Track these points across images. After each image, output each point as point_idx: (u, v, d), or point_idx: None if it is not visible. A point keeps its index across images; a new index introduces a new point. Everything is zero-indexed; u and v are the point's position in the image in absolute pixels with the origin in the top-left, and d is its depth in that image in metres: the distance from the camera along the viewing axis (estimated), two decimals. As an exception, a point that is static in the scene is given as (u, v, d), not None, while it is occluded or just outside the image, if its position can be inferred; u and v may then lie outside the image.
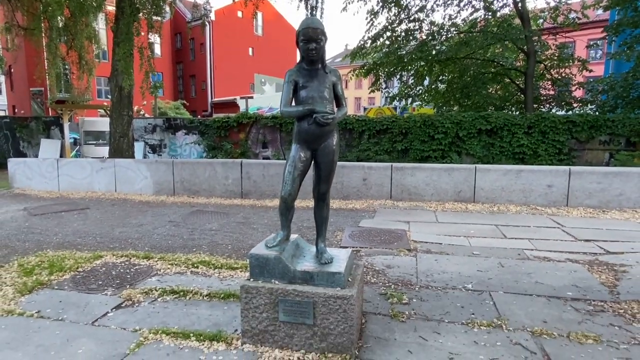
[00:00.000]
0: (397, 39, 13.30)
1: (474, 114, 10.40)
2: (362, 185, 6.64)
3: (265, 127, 12.20)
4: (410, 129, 10.73)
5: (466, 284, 3.29)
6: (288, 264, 2.33)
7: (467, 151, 10.43)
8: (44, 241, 4.64)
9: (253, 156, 12.46)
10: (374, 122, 11.16)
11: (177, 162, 7.50)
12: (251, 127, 12.38)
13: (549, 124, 9.72)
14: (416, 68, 13.67)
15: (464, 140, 10.39)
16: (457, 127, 10.37)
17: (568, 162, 9.63)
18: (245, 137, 12.46)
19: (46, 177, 8.13)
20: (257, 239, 4.66)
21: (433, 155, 10.59)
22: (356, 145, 11.28)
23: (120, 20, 9.47)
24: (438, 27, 12.45)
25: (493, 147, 10.26)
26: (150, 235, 4.89)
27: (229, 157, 12.33)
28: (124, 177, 7.73)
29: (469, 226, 5.05)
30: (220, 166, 7.26)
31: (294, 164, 2.38)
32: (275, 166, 7.05)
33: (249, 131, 12.43)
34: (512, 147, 10.03)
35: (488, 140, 10.27)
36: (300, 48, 2.32)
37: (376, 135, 11.13)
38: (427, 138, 10.60)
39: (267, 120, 12.07)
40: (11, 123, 15.74)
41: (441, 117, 10.61)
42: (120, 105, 10.27)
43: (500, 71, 13.37)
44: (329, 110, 2.25)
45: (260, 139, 12.41)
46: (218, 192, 7.27)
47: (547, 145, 9.81)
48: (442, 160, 10.50)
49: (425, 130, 10.60)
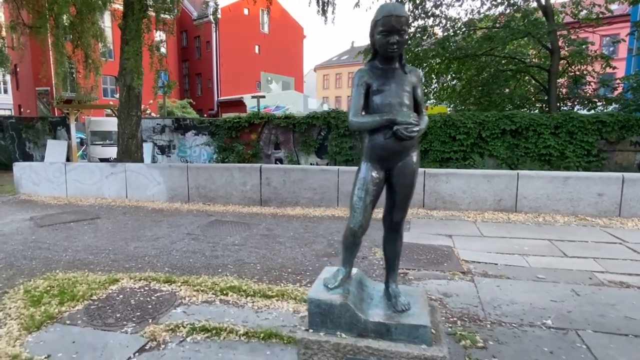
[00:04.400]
0: (414, 35, 12.80)
1: (497, 114, 9.89)
2: (392, 193, 6.16)
3: (278, 128, 11.76)
4: (430, 129, 10.24)
5: (544, 318, 2.81)
6: (357, 313, 1.86)
7: (490, 152, 9.93)
8: (52, 259, 4.21)
9: (265, 157, 12.03)
10: (391, 122, 10.64)
11: (192, 167, 7.05)
12: (263, 127, 11.95)
13: (577, 124, 9.20)
14: (432, 65, 13.14)
15: (487, 141, 9.89)
16: (480, 128, 9.87)
17: (597, 164, 9.11)
18: (257, 137, 12.03)
19: (53, 182, 7.72)
20: (286, 257, 4.21)
21: (454, 157, 10.10)
22: (373, 146, 10.77)
23: (129, 17, 9.03)
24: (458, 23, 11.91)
25: (517, 148, 9.75)
26: (168, 251, 4.44)
27: (241, 158, 11.90)
28: (135, 182, 7.30)
29: (520, 241, 4.56)
30: (237, 171, 6.81)
31: (365, 188, 1.90)
32: (297, 172, 6.58)
33: (260, 132, 12.00)
34: (537, 148, 9.52)
35: (512, 141, 9.76)
36: (376, 42, 1.84)
37: (394, 136, 10.60)
38: (447, 139, 10.11)
39: (280, 121, 11.62)
40: (17, 123, 15.40)
41: (463, 116, 10.11)
42: (128, 105, 9.86)
43: (521, 68, 12.82)
44: (413, 119, 1.77)
45: (272, 140, 11.98)
46: (235, 199, 6.82)
47: (575, 146, 9.29)
48: (464, 162, 10.02)
49: (446, 131, 10.11)
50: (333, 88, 55.67)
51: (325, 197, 6.40)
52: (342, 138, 11.13)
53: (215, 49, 34.16)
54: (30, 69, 24.59)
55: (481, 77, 13.22)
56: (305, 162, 11.67)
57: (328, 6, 11.79)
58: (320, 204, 6.42)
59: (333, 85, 55.68)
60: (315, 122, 11.35)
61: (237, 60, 34.88)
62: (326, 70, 55.96)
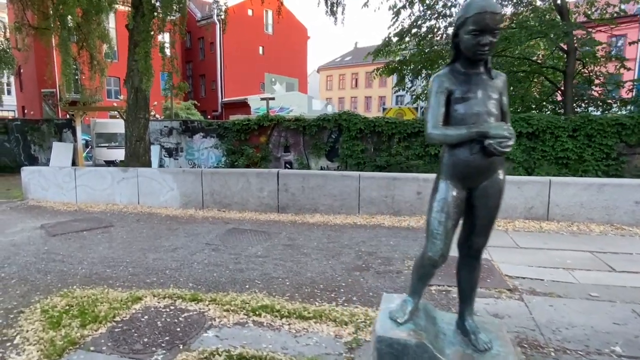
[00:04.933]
0: (426, 36, 12.59)
1: (513, 116, 9.65)
2: (416, 200, 5.92)
3: (288, 130, 11.54)
4: (444, 131, 9.97)
5: (611, 345, 2.57)
6: (437, 354, 1.63)
7: (507, 155, 9.69)
8: (68, 272, 3.98)
9: (274, 160, 11.81)
10: (405, 125, 10.46)
11: (206, 173, 6.82)
12: (272, 130, 11.73)
13: (596, 126, 8.96)
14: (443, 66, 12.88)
15: None
16: None
17: (616, 167, 8.87)
18: (267, 140, 11.81)
19: (63, 187, 7.50)
20: (315, 270, 3.97)
21: (469, 160, 9.84)
22: (385, 149, 10.59)
23: (137, 18, 8.83)
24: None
25: (534, 152, 9.50)
26: (189, 263, 4.21)
27: (250, 161, 11.69)
28: (147, 188, 7.08)
29: (559, 253, 4.32)
30: (254, 177, 6.58)
31: (446, 211, 1.67)
32: (316, 177, 6.34)
33: (270, 134, 11.78)
34: (555, 151, 9.28)
35: (529, 144, 9.52)
36: (461, 42, 1.60)
37: (407, 139, 10.43)
38: (463, 142, 9.85)
39: (290, 123, 11.40)
40: (22, 126, 15.21)
41: (478, 119, 9.87)
42: (136, 107, 9.67)
43: (535, 69, 12.57)
44: (507, 132, 1.53)
45: (282, 143, 11.76)
46: (252, 205, 6.59)
47: (594, 149, 9.05)
48: (480, 166, 9.77)
49: (460, 133, 9.84)
50: (336, 89, 55.49)
51: (346, 203, 6.17)
52: (353, 141, 10.89)
53: (220, 50, 33.97)
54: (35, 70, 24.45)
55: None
56: (315, 166, 11.46)
57: (337, 7, 11.58)
58: (341, 211, 6.18)
59: (336, 86, 55.51)
60: (326, 124, 11.12)
61: (241, 62, 34.69)
62: (329, 71, 55.76)
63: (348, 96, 54.13)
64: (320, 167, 11.42)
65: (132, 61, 9.37)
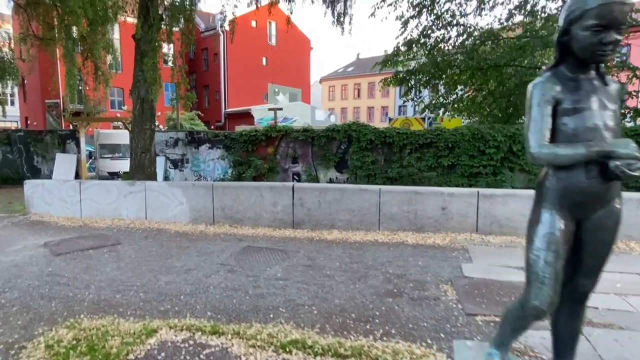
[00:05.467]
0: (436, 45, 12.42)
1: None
2: (440, 215, 5.61)
3: (296, 141, 11.29)
4: (458, 142, 9.76)
5: (699, 391, 2.24)
6: None
7: (522, 167, 9.43)
8: (74, 298, 3.66)
9: (282, 172, 11.54)
10: (417, 136, 10.20)
11: (217, 186, 6.53)
12: (280, 140, 11.48)
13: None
14: (452, 76, 12.69)
15: (519, 155, 9.38)
16: (511, 141, 9.38)
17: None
18: (274, 151, 11.55)
19: (67, 201, 7.20)
20: (343, 296, 3.64)
21: (484, 172, 9.58)
22: (397, 160, 10.31)
23: (145, 28, 8.65)
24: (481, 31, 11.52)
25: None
26: (205, 287, 3.89)
27: (258, 173, 11.42)
28: (155, 202, 6.78)
29: (605, 275, 3.95)
30: (267, 191, 6.28)
31: (554, 249, 1.36)
32: (333, 192, 6.03)
33: (277, 145, 11.53)
34: None
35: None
36: (575, 40, 1.30)
37: (419, 150, 10.17)
38: (476, 152, 9.61)
39: (298, 134, 11.15)
40: (25, 137, 14.98)
41: (492, 129, 9.62)
42: (142, 118, 9.45)
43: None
44: (636, 151, 1.24)
45: (290, 154, 11.50)
46: (265, 220, 6.28)
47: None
48: (494, 178, 9.50)
49: (475, 144, 9.61)
50: (339, 99, 55.58)
51: (365, 219, 5.85)
52: (363, 152, 10.62)
53: (223, 61, 34.05)
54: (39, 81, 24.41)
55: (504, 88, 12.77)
56: (324, 177, 11.19)
57: (344, 17, 11.43)
58: (360, 227, 5.86)
59: (339, 97, 55.60)
60: (336, 135, 10.86)
61: (245, 72, 34.76)
62: (332, 81, 55.90)
63: (350, 106, 54.18)
64: (329, 178, 11.15)
65: (139, 71, 9.18)
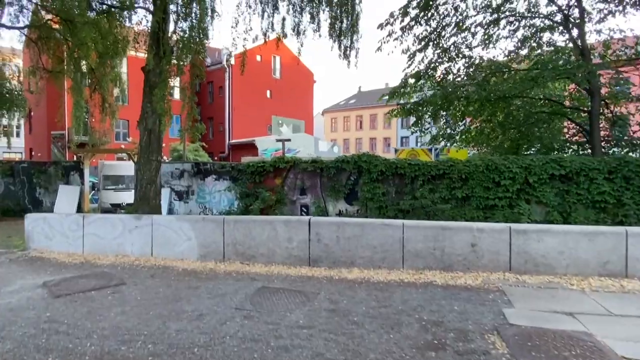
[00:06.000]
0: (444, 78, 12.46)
1: (543, 158, 9.21)
2: (470, 253, 5.23)
3: (304, 172, 11.03)
4: (471, 174, 9.51)
5: None
6: None
7: (539, 199, 9.11)
8: (74, 351, 3.24)
9: (290, 204, 11.21)
10: (428, 167, 9.95)
11: (229, 220, 6.18)
12: (288, 172, 11.23)
13: (633, 168, 8.47)
14: (459, 107, 12.64)
15: (535, 187, 9.09)
16: (526, 172, 9.13)
17: (662, 212, 8.24)
18: (282, 182, 11.27)
19: (69, 236, 6.84)
20: (377, 349, 3.22)
21: (499, 204, 9.26)
22: (409, 192, 10.00)
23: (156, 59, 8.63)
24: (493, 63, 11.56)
25: (569, 195, 8.93)
26: (220, 338, 3.47)
27: (266, 205, 11.10)
28: (162, 237, 6.41)
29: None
30: (282, 225, 5.93)
31: None
32: (353, 226, 5.68)
33: (285, 176, 11.26)
34: (591, 194, 8.71)
35: (562, 186, 8.98)
36: None
37: (431, 181, 9.89)
38: (491, 184, 9.33)
39: (307, 165, 10.91)
40: (28, 168, 14.79)
41: (506, 160, 9.40)
42: (149, 149, 9.27)
43: (558, 110, 12.28)
44: None
45: (298, 185, 11.21)
46: (279, 257, 5.89)
47: (633, 192, 8.49)
48: (510, 210, 9.16)
49: (489, 176, 9.35)
50: (341, 131, 56.21)
51: (388, 256, 5.47)
52: (374, 183, 10.33)
53: (228, 94, 34.61)
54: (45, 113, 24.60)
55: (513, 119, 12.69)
56: (333, 209, 10.85)
57: (351, 50, 11.50)
58: (382, 265, 5.47)
59: (341, 128, 56.28)
60: (345, 166, 10.62)
61: (249, 105, 35.26)
62: (334, 113, 56.78)
63: (353, 138, 54.70)
64: (338, 210, 10.82)
65: (147, 103, 9.11)
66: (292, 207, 11.21)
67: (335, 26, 10.58)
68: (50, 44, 13.49)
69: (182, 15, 8.78)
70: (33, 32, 13.89)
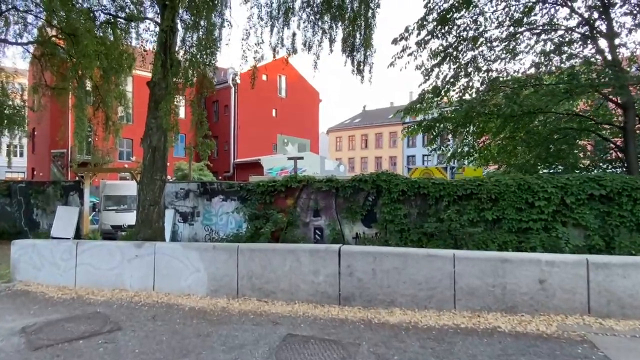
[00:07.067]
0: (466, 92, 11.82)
1: (581, 176, 8.39)
2: (537, 291, 4.33)
3: (318, 192, 10.21)
4: (502, 194, 8.67)
5: None
6: None
7: (577, 221, 8.21)
8: None
9: (303, 226, 10.34)
10: (454, 186, 9.13)
11: (243, 249, 5.32)
12: (301, 192, 10.41)
13: (683, 188, 7.61)
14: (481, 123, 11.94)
15: (572, 209, 8.22)
16: (562, 192, 8.28)
17: None
18: (294, 203, 10.44)
19: (60, 267, 5.98)
20: None
21: (534, 227, 8.37)
22: (433, 214, 9.14)
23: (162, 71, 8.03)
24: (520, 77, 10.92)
25: (610, 217, 8.04)
26: (244, 418, 2.57)
27: (277, 227, 10.25)
28: (166, 268, 5.54)
29: None
30: (306, 256, 5.06)
31: None
32: (392, 258, 4.80)
33: (298, 196, 10.44)
34: (635, 216, 7.83)
35: (602, 208, 8.10)
36: None
37: (458, 202, 9.04)
38: (524, 205, 8.47)
39: (321, 184, 10.10)
40: (26, 188, 14.08)
41: (540, 179, 8.57)
42: (152, 168, 8.58)
43: (588, 126, 11.52)
44: None
45: (311, 206, 10.36)
46: (303, 293, 4.99)
47: (683, 214, 7.59)
48: (547, 234, 8.28)
49: (521, 196, 8.50)
50: (346, 150, 55.86)
51: (435, 294, 4.57)
52: (394, 204, 9.48)
53: (234, 113, 34.35)
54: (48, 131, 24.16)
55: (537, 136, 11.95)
56: (350, 232, 9.98)
57: (365, 65, 10.93)
58: (428, 305, 4.56)
59: (346, 147, 55.95)
60: (363, 185, 9.80)
61: (255, 124, 34.96)
62: (339, 132, 56.55)
63: (358, 157, 54.26)
64: (355, 233, 9.94)
65: (152, 119, 8.48)
66: (305, 230, 10.35)
67: (348, 41, 10.05)
68: (54, 61, 13.18)
69: (191, 25, 8.21)
70: (37, 49, 13.58)
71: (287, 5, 9.63)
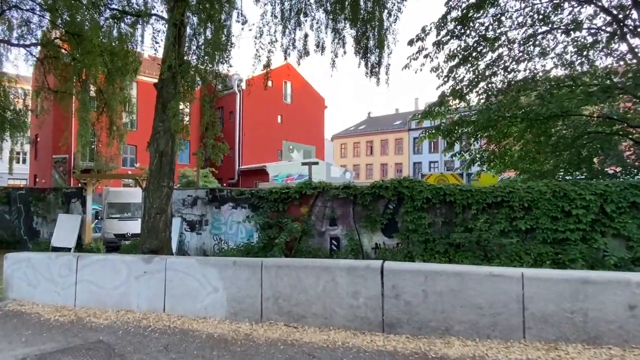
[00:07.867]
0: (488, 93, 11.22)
1: (622, 182, 7.73)
2: (627, 318, 3.61)
3: (335, 200, 9.55)
4: (535, 201, 8.02)
5: None
6: None
7: (618, 231, 7.53)
8: None
9: (318, 235, 9.65)
10: (483, 193, 8.46)
11: (269, 265, 4.62)
12: (316, 199, 9.75)
13: None
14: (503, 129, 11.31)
15: (613, 218, 7.54)
16: (602, 200, 7.61)
17: None
18: (309, 211, 9.77)
19: (58, 283, 5.30)
20: None
21: (572, 238, 7.68)
22: (460, 223, 8.47)
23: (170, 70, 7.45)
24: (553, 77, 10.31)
25: None
26: None
27: (292, 237, 9.56)
28: (179, 287, 4.85)
29: None
30: (343, 274, 4.35)
31: None
32: (447, 277, 4.08)
33: (313, 204, 9.77)
34: None
35: (647, 216, 7.40)
36: None
37: (487, 210, 8.36)
38: (560, 214, 7.81)
39: (338, 191, 9.44)
40: (26, 195, 13.48)
41: (576, 186, 7.90)
42: (159, 174, 7.99)
43: (620, 130, 10.86)
44: None
45: (327, 214, 9.70)
46: (339, 318, 4.27)
47: None
48: (586, 245, 7.58)
49: (557, 204, 7.84)
50: (351, 156, 55.41)
51: (500, 321, 3.85)
52: (418, 212, 8.81)
53: (239, 119, 33.93)
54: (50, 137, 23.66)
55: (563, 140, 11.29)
56: (369, 242, 9.29)
57: (380, 67, 10.33)
58: (492, 335, 3.84)
59: (351, 154, 55.51)
60: (383, 192, 9.13)
61: (260, 130, 34.56)
62: (343, 139, 56.16)
63: (363, 163, 53.77)
64: (375, 244, 9.25)
65: (159, 122, 7.92)
66: (321, 240, 9.67)
67: (362, 42, 9.49)
68: (58, 64, 12.76)
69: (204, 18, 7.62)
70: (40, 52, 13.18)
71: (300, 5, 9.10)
